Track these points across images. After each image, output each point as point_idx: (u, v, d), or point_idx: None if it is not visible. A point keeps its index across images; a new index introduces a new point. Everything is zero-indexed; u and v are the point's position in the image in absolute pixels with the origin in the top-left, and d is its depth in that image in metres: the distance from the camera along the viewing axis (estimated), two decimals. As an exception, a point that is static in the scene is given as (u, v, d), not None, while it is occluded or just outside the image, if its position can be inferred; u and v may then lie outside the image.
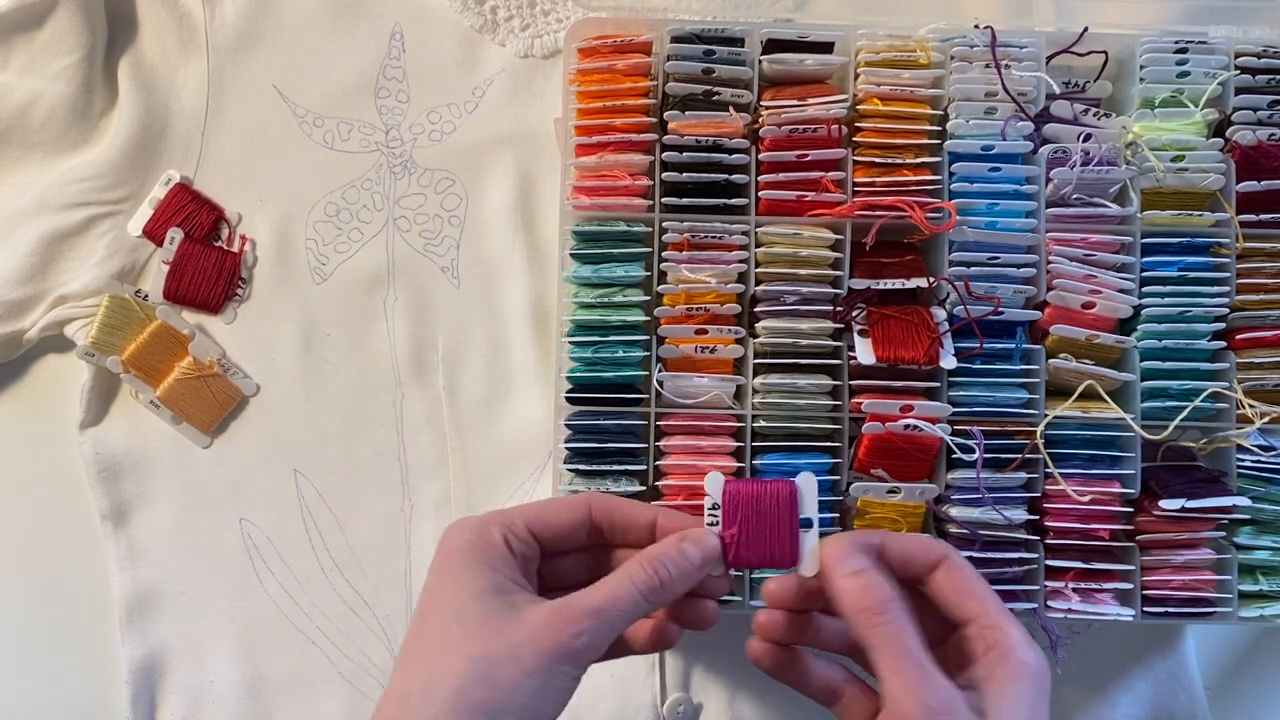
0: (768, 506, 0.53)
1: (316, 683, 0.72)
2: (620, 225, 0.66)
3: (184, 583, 0.72)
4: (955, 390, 0.65)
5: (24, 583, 0.74)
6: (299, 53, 0.75)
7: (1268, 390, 0.66)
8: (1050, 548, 0.65)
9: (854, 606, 0.49)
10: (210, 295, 0.73)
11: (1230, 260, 0.66)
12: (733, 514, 0.53)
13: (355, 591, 0.73)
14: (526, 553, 0.50)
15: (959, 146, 0.66)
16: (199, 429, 0.73)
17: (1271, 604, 0.65)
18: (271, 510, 0.73)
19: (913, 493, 0.65)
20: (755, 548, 0.53)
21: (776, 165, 0.65)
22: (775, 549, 0.53)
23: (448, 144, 0.75)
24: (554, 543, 0.52)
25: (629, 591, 0.49)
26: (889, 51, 0.66)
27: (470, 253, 0.74)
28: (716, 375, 0.65)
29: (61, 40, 0.71)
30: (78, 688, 0.73)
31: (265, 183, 0.74)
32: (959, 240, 0.65)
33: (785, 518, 0.53)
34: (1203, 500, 0.64)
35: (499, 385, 0.73)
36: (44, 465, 0.74)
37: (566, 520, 0.52)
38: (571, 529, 0.52)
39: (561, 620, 0.47)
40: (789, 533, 0.53)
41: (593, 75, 0.66)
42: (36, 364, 0.75)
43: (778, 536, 0.53)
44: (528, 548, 0.50)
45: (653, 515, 0.53)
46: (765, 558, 0.53)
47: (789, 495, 0.53)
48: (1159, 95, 0.67)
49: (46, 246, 0.72)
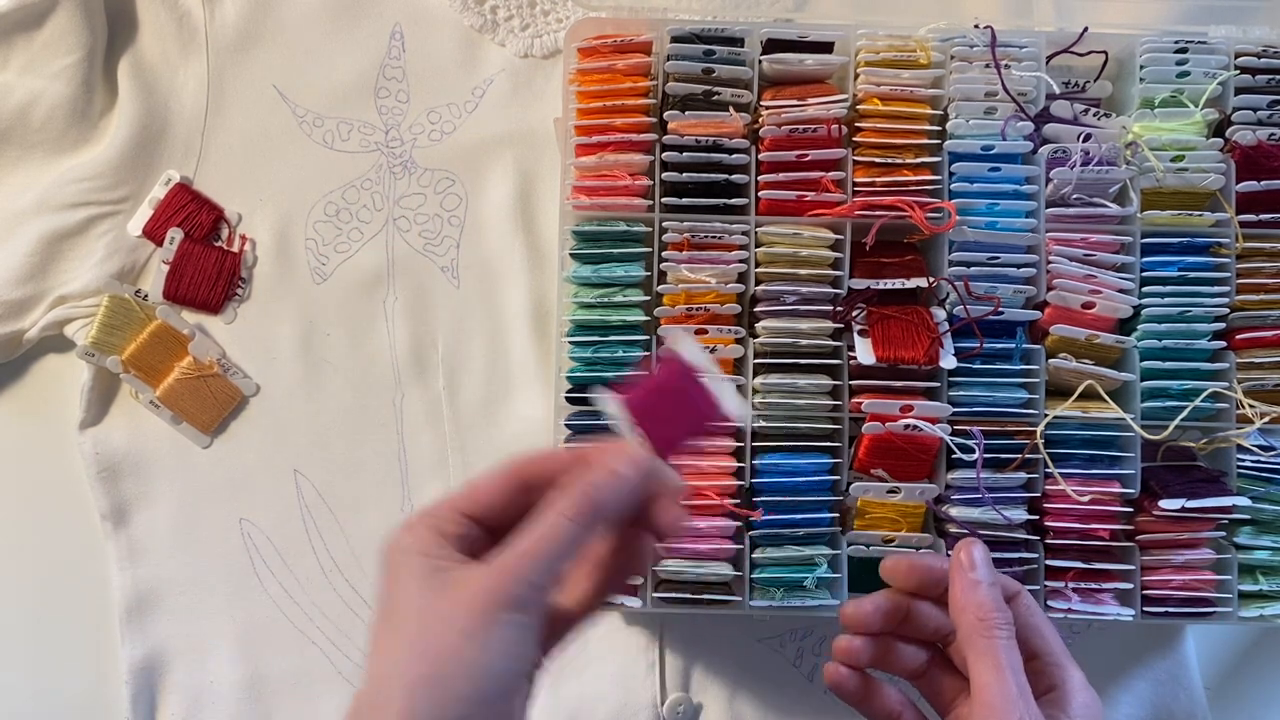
0: (664, 382, 0.51)
1: (316, 683, 0.72)
2: (620, 225, 0.66)
3: (184, 582, 0.72)
4: (955, 390, 0.65)
5: (24, 583, 0.74)
6: (299, 53, 0.75)
7: (1268, 390, 0.66)
8: (1050, 548, 0.65)
9: (981, 613, 0.49)
10: (210, 295, 0.73)
11: (1230, 260, 0.66)
12: (638, 411, 0.50)
13: (355, 591, 0.73)
14: (462, 533, 0.47)
15: (959, 146, 0.66)
16: (199, 429, 0.73)
17: (1271, 604, 0.65)
18: (271, 510, 0.73)
19: (913, 493, 0.65)
20: (675, 423, 0.50)
21: (776, 165, 0.65)
22: (695, 414, 0.51)
23: (448, 144, 0.75)
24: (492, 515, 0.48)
25: (557, 521, 0.46)
26: (889, 51, 0.66)
27: (470, 253, 0.74)
28: None
29: (61, 40, 0.71)
30: (78, 688, 0.73)
31: (265, 183, 0.74)
32: (959, 240, 0.65)
33: (688, 381, 0.51)
34: (1203, 500, 0.64)
35: (499, 385, 0.73)
36: (44, 465, 0.74)
37: (494, 488, 0.49)
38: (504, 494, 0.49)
39: (493, 573, 0.44)
40: (700, 393, 0.51)
41: (593, 75, 0.66)
42: (36, 364, 0.75)
43: (690, 402, 0.51)
44: (460, 527, 0.48)
45: (580, 454, 0.49)
46: (690, 426, 0.51)
47: (681, 366, 0.51)
48: (1159, 95, 0.67)
49: (46, 246, 0.72)
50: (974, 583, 0.50)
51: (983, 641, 0.49)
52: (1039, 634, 0.51)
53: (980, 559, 0.51)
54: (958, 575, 0.51)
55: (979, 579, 0.50)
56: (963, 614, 0.50)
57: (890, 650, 0.54)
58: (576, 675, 0.72)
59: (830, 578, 0.65)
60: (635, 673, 0.71)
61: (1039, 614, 0.52)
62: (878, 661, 0.54)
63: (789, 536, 0.65)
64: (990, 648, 0.49)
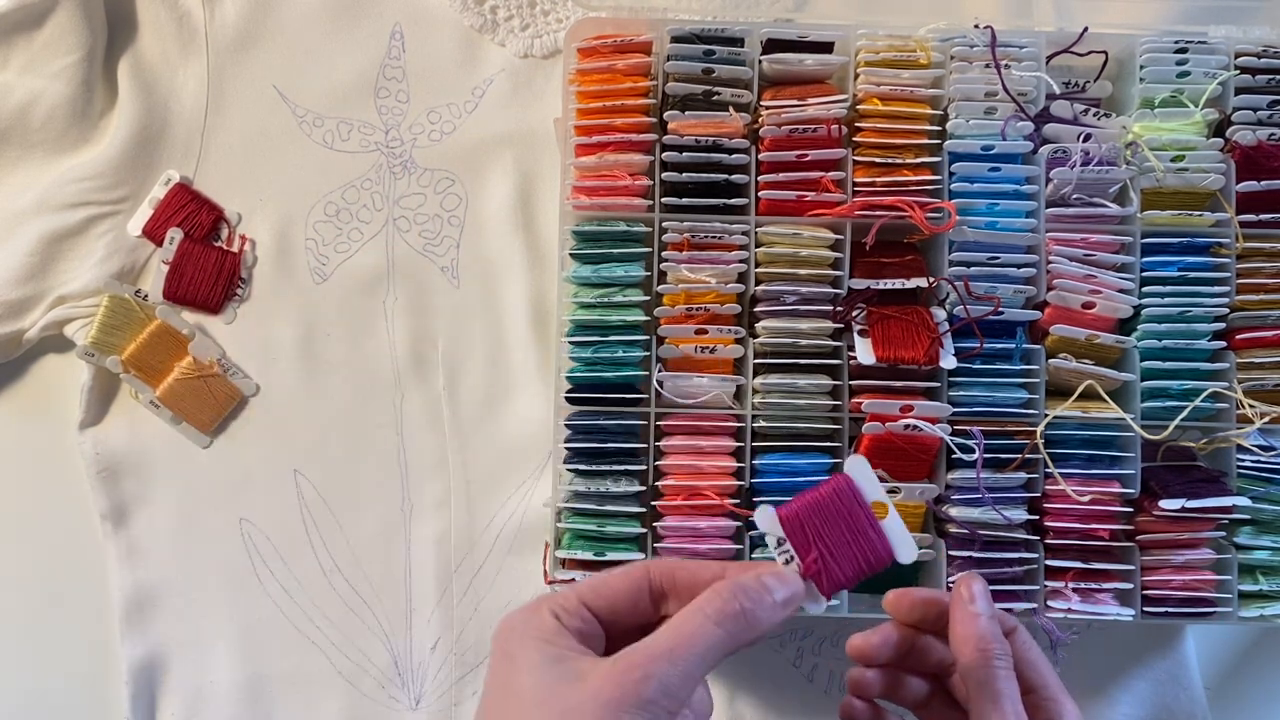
0: (835, 513, 0.48)
1: (316, 683, 0.72)
2: (620, 225, 0.66)
3: (184, 582, 0.72)
4: (955, 390, 0.65)
5: (24, 582, 0.74)
6: (299, 53, 0.75)
7: (1268, 390, 0.66)
8: (1050, 548, 0.65)
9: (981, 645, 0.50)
10: (210, 295, 0.73)
11: (1230, 260, 0.66)
12: (803, 539, 0.47)
13: (355, 591, 0.73)
14: (583, 628, 0.46)
15: (959, 146, 0.66)
16: (199, 429, 0.73)
17: (1271, 604, 0.65)
18: (271, 510, 0.73)
19: (913, 493, 0.65)
20: (845, 563, 0.48)
21: (776, 165, 0.65)
22: (866, 553, 0.48)
23: (447, 144, 0.75)
24: (614, 614, 0.47)
25: (701, 624, 0.44)
26: (889, 51, 0.66)
27: (470, 253, 0.74)
28: (717, 375, 0.65)
29: (61, 40, 0.71)
30: (78, 688, 0.73)
31: (265, 183, 0.74)
32: (959, 240, 0.65)
33: (860, 515, 0.48)
34: (1203, 500, 0.64)
35: (499, 385, 0.73)
36: (44, 465, 0.74)
37: (622, 587, 0.47)
38: (630, 596, 0.47)
39: (622, 668, 0.43)
40: (870, 528, 0.47)
41: (593, 75, 0.66)
42: (36, 364, 0.75)
43: (863, 538, 0.48)
44: (583, 622, 0.46)
45: (719, 570, 0.48)
46: (860, 567, 0.48)
47: (850, 491, 0.48)
48: (1159, 95, 0.67)
49: (46, 246, 0.72)
50: (973, 615, 0.51)
51: (982, 673, 0.49)
52: (1035, 668, 0.52)
53: (980, 593, 0.52)
54: (958, 608, 0.51)
55: (978, 612, 0.51)
56: (963, 646, 0.51)
57: (896, 681, 0.54)
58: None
59: (830, 578, 0.65)
60: (635, 673, 0.71)
61: (1035, 649, 0.53)
62: (886, 692, 0.55)
63: (789, 536, 0.65)
64: (989, 679, 0.49)
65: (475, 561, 0.72)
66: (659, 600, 0.48)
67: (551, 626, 0.45)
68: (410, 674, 0.72)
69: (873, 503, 0.48)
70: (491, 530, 0.73)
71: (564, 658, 0.44)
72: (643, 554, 0.65)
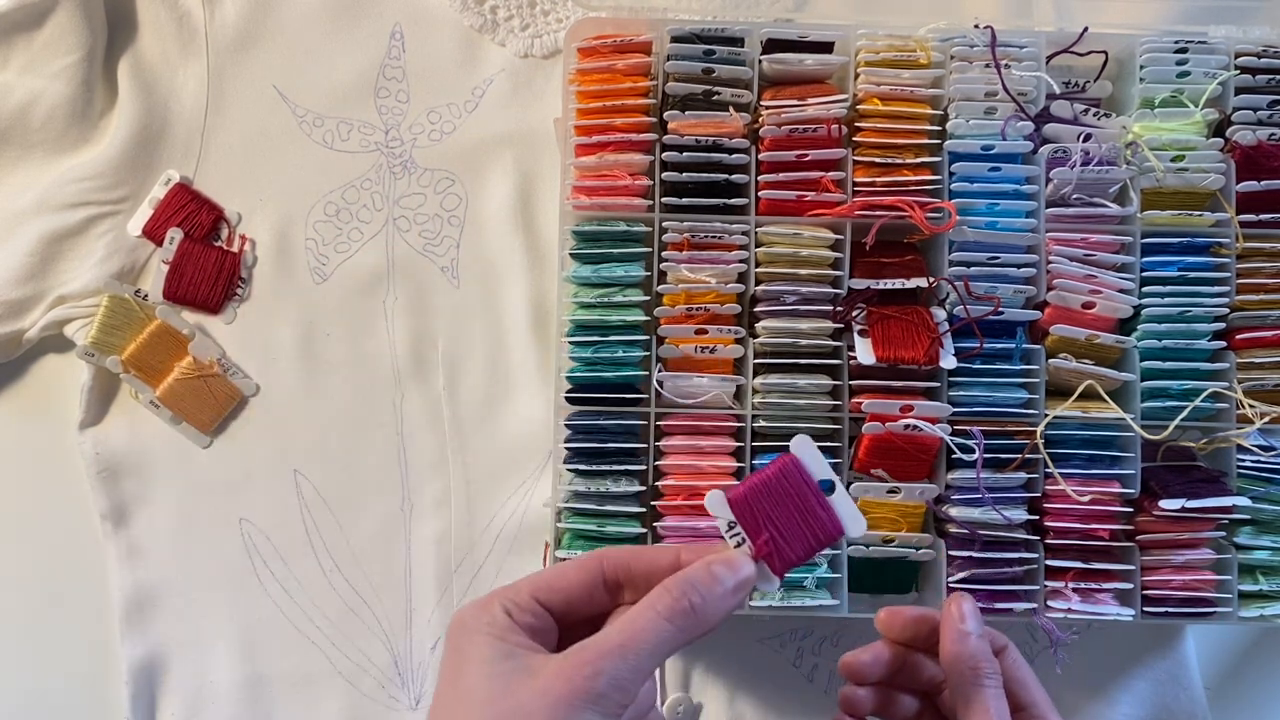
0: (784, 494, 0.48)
1: (316, 683, 0.72)
2: (620, 225, 0.66)
3: (184, 582, 0.72)
4: (955, 390, 0.65)
5: (24, 582, 0.74)
6: (299, 53, 0.75)
7: (1268, 390, 0.66)
8: (1050, 548, 0.65)
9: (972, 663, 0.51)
10: (210, 295, 0.73)
11: (1230, 260, 0.66)
12: (753, 522, 0.47)
13: (355, 591, 0.73)
14: (534, 622, 0.46)
15: (959, 146, 0.66)
16: (199, 429, 0.73)
17: (1271, 604, 0.65)
18: (271, 510, 0.73)
19: (913, 493, 0.65)
20: (795, 542, 0.47)
21: (776, 165, 0.65)
22: (816, 531, 0.47)
23: (447, 144, 0.75)
24: (568, 606, 0.47)
25: (652, 620, 0.44)
26: (889, 51, 0.66)
27: (470, 253, 0.74)
28: (717, 375, 0.65)
29: (61, 40, 0.71)
30: (78, 688, 0.73)
31: (265, 183, 0.74)
32: (959, 240, 0.65)
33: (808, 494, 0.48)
34: (1203, 500, 0.64)
35: (499, 385, 0.73)
36: (44, 465, 0.74)
37: (575, 580, 0.47)
38: (584, 589, 0.47)
39: (573, 664, 0.43)
40: (819, 506, 0.47)
41: (593, 75, 0.66)
42: (36, 364, 0.75)
43: (812, 517, 0.47)
44: (535, 617, 0.46)
45: (673, 554, 0.48)
46: (810, 545, 0.48)
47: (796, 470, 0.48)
48: (1159, 95, 0.67)
49: (46, 246, 0.72)
50: (964, 634, 0.51)
51: (972, 690, 0.50)
52: (1025, 687, 0.52)
53: (970, 612, 0.52)
54: (948, 627, 0.52)
55: (968, 630, 0.52)
56: (954, 664, 0.51)
57: (888, 699, 0.55)
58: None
59: (830, 578, 0.65)
60: (635, 673, 0.71)
61: (1025, 668, 0.53)
62: (877, 709, 0.55)
63: (789, 536, 0.65)
64: (979, 697, 0.50)
65: (475, 561, 0.72)
66: (614, 591, 0.48)
67: (502, 622, 0.45)
68: (410, 674, 0.72)
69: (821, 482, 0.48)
70: (491, 530, 0.73)
71: (513, 654, 0.44)
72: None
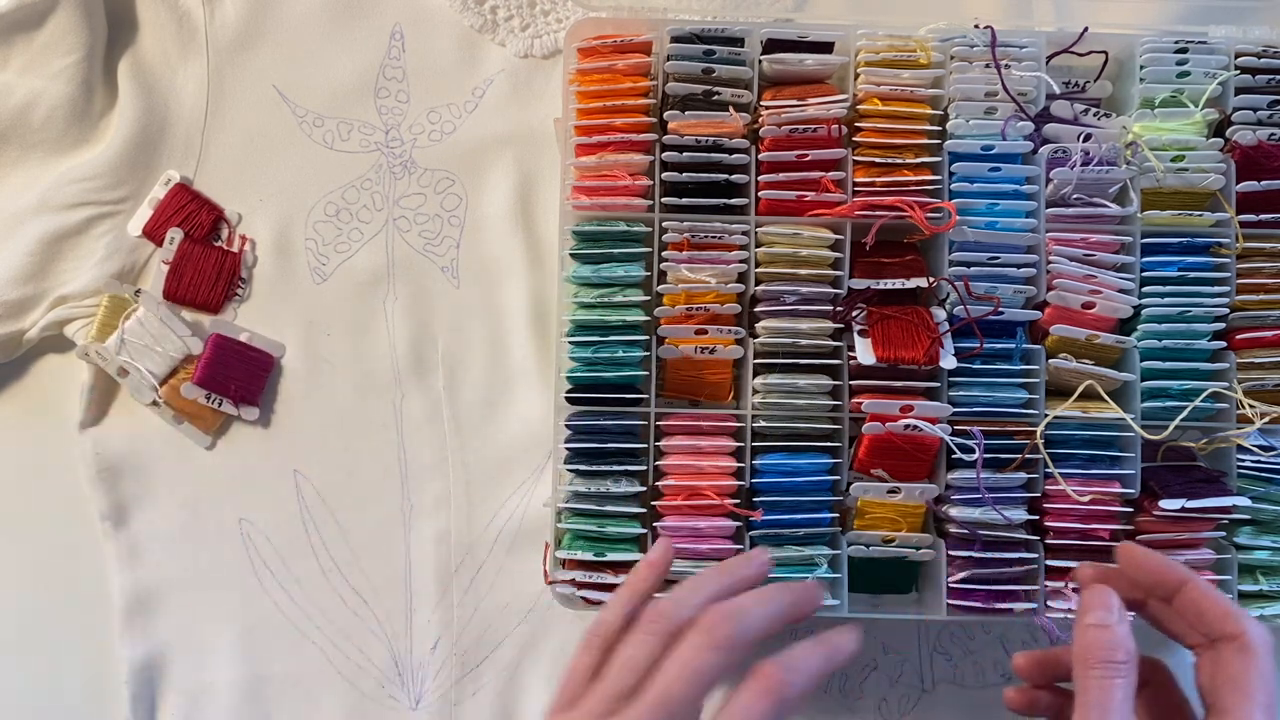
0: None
1: (316, 683, 0.72)
2: (620, 225, 0.66)
3: (184, 583, 0.72)
4: (955, 390, 0.65)
5: (24, 582, 0.74)
6: (299, 53, 0.75)
7: (1268, 390, 0.66)
8: (1050, 548, 0.65)
9: (1080, 653, 0.50)
10: (210, 295, 0.73)
11: (1230, 260, 0.66)
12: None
13: (355, 591, 0.73)
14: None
15: (959, 146, 0.66)
16: (200, 429, 0.73)
17: (1271, 604, 0.65)
18: (271, 510, 0.73)
19: (913, 493, 0.65)
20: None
21: (776, 165, 0.65)
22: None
23: (448, 144, 0.75)
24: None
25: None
26: (889, 51, 0.66)
27: (470, 253, 0.74)
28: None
29: (61, 40, 0.71)
30: (77, 688, 0.73)
31: (265, 183, 0.74)
32: (959, 240, 0.65)
33: None
34: (1203, 500, 0.64)
35: (499, 385, 0.73)
36: (44, 465, 0.74)
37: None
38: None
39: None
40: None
41: (593, 75, 0.66)
42: (36, 364, 0.75)
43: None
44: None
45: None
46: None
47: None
48: (1159, 95, 0.67)
49: (46, 246, 0.72)
50: (1082, 627, 0.50)
51: (1079, 681, 0.49)
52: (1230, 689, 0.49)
53: (1092, 603, 0.51)
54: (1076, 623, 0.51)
55: (1087, 623, 0.50)
56: (1074, 660, 0.50)
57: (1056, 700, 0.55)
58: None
59: (830, 578, 0.65)
60: (635, 673, 0.71)
61: (1240, 664, 0.49)
62: (1045, 709, 0.56)
63: (789, 537, 0.65)
64: (1083, 687, 0.48)
65: (475, 561, 0.72)
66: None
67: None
68: (410, 674, 0.72)
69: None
70: (491, 530, 0.73)
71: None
72: (643, 554, 0.65)
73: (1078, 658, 0.49)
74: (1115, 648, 0.49)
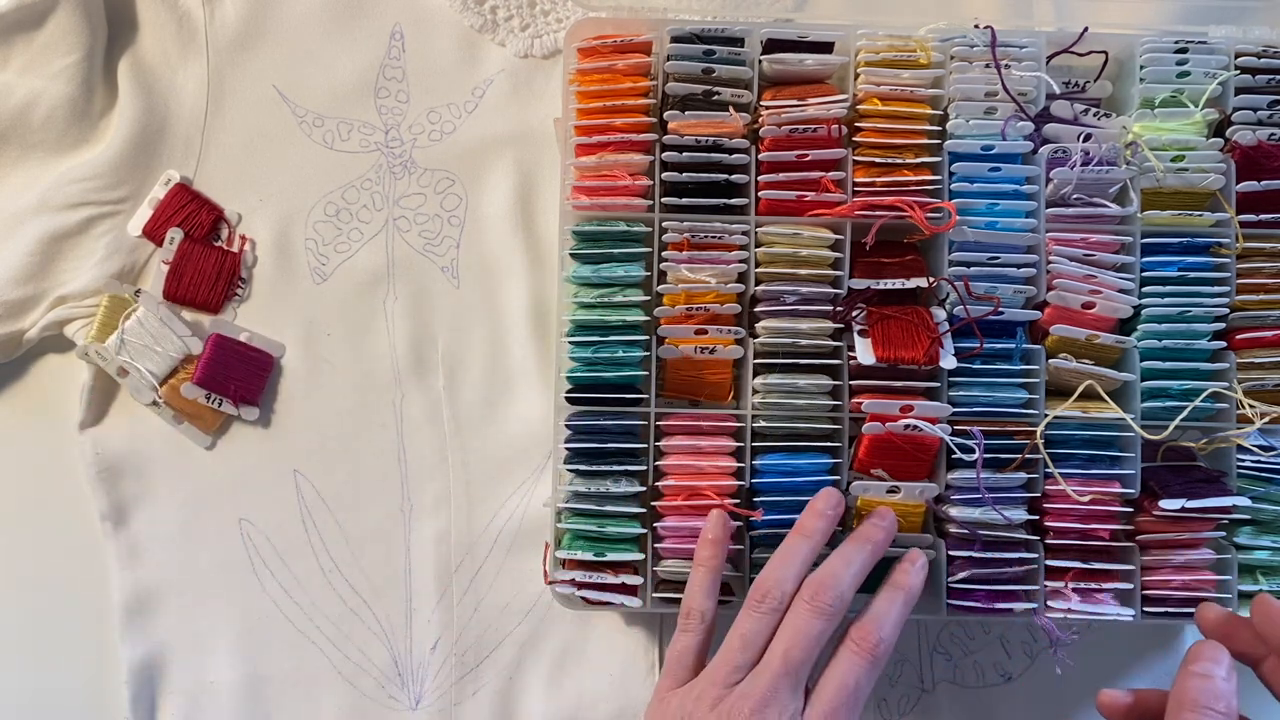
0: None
1: (316, 683, 0.72)
2: (620, 225, 0.66)
3: (184, 583, 0.72)
4: (955, 390, 0.65)
5: (24, 582, 0.74)
6: (299, 53, 0.75)
7: (1268, 390, 0.66)
8: (1050, 548, 0.65)
9: (1177, 698, 0.50)
10: (210, 295, 0.73)
11: (1230, 260, 0.66)
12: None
13: (355, 591, 0.73)
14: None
15: (959, 146, 0.66)
16: (200, 429, 0.73)
17: (1271, 604, 0.65)
18: (271, 510, 0.73)
19: (913, 492, 0.65)
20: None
21: (776, 165, 0.65)
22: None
23: (448, 144, 0.75)
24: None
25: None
26: (889, 51, 0.66)
27: (470, 253, 0.74)
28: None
29: (61, 40, 0.71)
30: (77, 688, 0.73)
31: (265, 183, 0.74)
32: (959, 240, 0.65)
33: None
34: (1203, 500, 0.64)
35: (499, 385, 0.73)
36: (44, 465, 0.74)
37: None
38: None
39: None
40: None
41: (593, 75, 0.66)
42: (36, 364, 0.75)
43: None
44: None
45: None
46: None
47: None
48: (1159, 95, 0.67)
49: (46, 246, 0.72)
50: (1185, 675, 0.51)
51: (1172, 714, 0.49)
52: None
53: (1198, 654, 0.51)
54: (1180, 668, 0.52)
55: (1191, 672, 0.51)
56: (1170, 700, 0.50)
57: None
58: (576, 675, 0.72)
59: (830, 578, 0.65)
60: (635, 673, 0.71)
61: None
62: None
63: (789, 536, 0.65)
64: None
65: (475, 561, 0.73)
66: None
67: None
68: (410, 674, 0.72)
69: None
70: (491, 530, 0.73)
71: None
72: (643, 554, 0.65)
73: (1175, 699, 0.50)
74: (1217, 697, 0.50)
